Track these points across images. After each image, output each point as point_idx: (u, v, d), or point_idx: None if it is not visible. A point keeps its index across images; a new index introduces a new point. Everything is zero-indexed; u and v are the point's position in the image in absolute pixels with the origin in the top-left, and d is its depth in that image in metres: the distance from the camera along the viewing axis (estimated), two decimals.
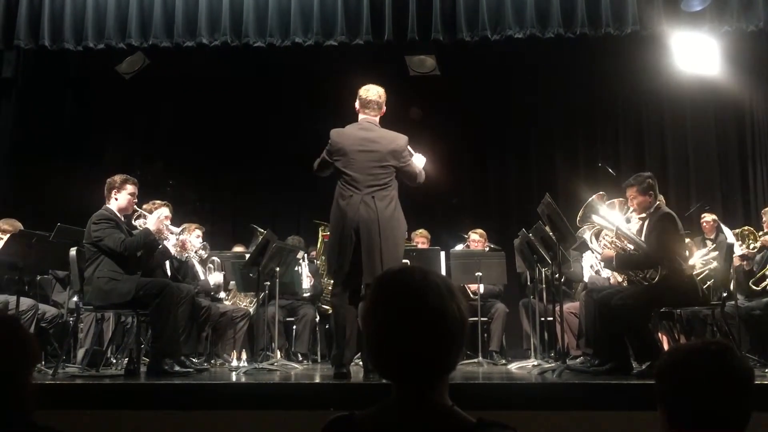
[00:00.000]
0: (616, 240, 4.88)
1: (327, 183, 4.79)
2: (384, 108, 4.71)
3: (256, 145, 8.85)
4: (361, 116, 4.68)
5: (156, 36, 6.86)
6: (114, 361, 5.74)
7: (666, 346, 5.47)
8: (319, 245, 7.32)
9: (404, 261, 5.67)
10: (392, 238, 4.44)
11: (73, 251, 5.11)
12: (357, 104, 4.70)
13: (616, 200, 5.14)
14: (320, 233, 7.21)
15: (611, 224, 4.93)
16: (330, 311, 6.87)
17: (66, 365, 5.29)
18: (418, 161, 4.73)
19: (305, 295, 7.02)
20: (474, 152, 8.90)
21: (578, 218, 5.07)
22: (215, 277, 6.39)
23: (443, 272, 6.36)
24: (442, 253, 6.53)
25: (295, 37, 6.82)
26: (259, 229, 7.20)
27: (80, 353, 5.73)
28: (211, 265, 6.27)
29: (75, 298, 5.51)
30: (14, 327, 1.67)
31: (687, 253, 5.08)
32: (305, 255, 7.16)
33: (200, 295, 6.39)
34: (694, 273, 4.98)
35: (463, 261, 6.54)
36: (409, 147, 4.64)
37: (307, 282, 7.05)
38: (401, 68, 7.97)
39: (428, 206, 8.18)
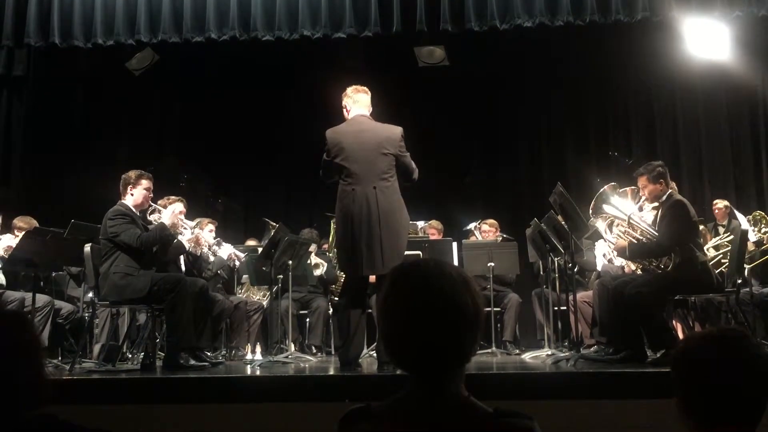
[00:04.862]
0: (629, 229, 4.86)
1: (327, 186, 4.80)
2: (370, 101, 4.71)
3: (267, 139, 8.86)
4: (352, 113, 4.70)
5: (165, 32, 6.88)
6: (130, 356, 5.78)
7: (680, 335, 5.46)
8: (331, 238, 7.33)
9: (417, 253, 5.69)
10: (393, 230, 4.44)
11: (87, 247, 5.16)
12: (347, 103, 4.71)
13: (628, 189, 5.11)
14: (332, 225, 7.22)
15: (623, 214, 4.91)
16: None
17: (82, 361, 5.34)
18: None
19: (316, 274, 6.97)
20: (484, 142, 8.87)
21: (590, 209, 5.06)
22: (225, 251, 6.36)
23: (456, 262, 6.36)
24: (455, 244, 6.52)
25: (304, 30, 6.83)
26: (271, 223, 7.21)
27: (96, 348, 5.79)
28: (216, 247, 6.26)
29: (90, 294, 5.56)
30: (18, 321, 1.69)
31: (702, 240, 5.05)
32: (316, 247, 7.17)
33: (218, 287, 6.44)
34: (707, 260, 4.95)
35: (475, 251, 6.53)
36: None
37: (315, 261, 7.01)
38: (410, 60, 7.95)
39: (439, 196, 8.17)
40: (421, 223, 7.10)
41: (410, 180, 4.67)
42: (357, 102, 4.68)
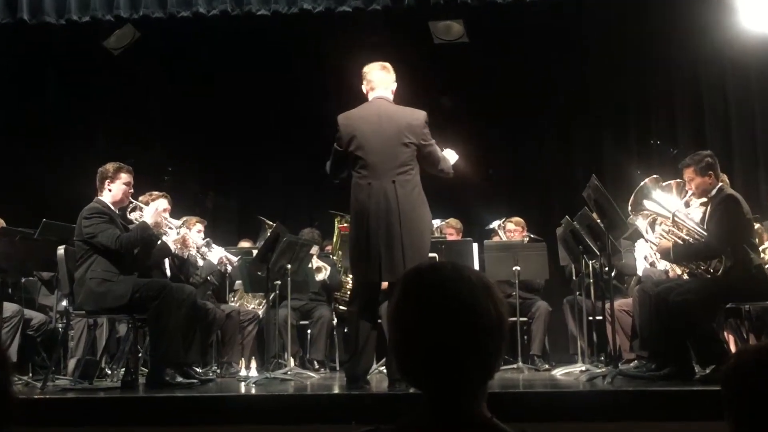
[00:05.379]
0: (674, 228, 4.85)
1: (335, 185, 4.80)
2: (393, 81, 4.70)
3: (263, 127, 8.88)
4: (371, 95, 4.69)
5: (147, 6, 6.89)
6: (109, 372, 5.80)
7: (733, 347, 5.43)
8: (335, 239, 7.35)
9: (433, 255, 5.68)
10: (415, 229, 4.44)
11: (61, 250, 5.17)
12: (364, 86, 4.71)
13: (672, 182, 5.09)
14: (336, 225, 7.23)
15: (667, 211, 4.89)
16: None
17: (56, 377, 5.36)
18: (450, 157, 4.72)
19: (318, 279, 6.98)
20: (508, 129, 8.85)
21: (630, 205, 5.04)
22: (216, 254, 6.38)
23: (476, 266, 6.35)
24: (475, 245, 6.51)
25: (303, 4, 6.82)
26: (268, 222, 7.23)
27: (71, 364, 5.81)
28: (205, 249, 6.27)
29: (64, 302, 5.58)
30: None
31: (757, 240, 5.02)
32: (318, 249, 7.18)
33: (208, 294, 6.46)
34: (763, 262, 4.92)
35: (498, 254, 6.52)
36: (438, 147, 4.63)
37: (317, 265, 7.01)
38: (425, 36, 7.94)
39: (457, 191, 8.16)
40: (437, 222, 7.09)
41: (436, 171, 4.67)
42: (372, 82, 4.66)
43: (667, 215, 4.90)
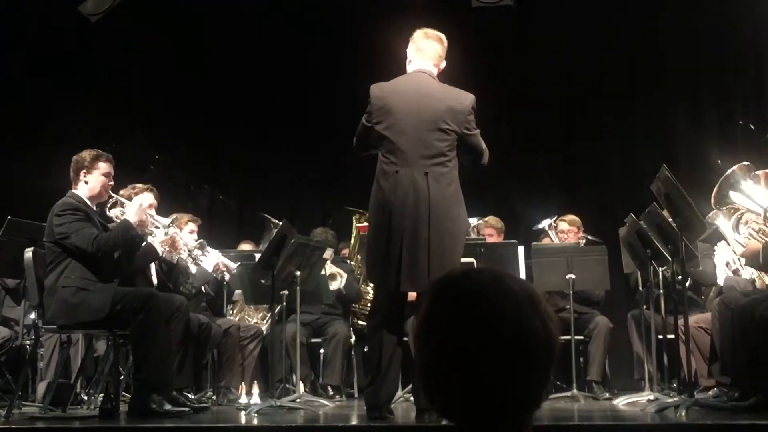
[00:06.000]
0: (765, 227, 4.82)
1: (362, 158, 4.80)
2: (444, 58, 4.71)
3: (267, 109, 8.89)
4: (412, 66, 4.70)
5: None
6: (85, 397, 5.86)
7: None
8: (352, 240, 7.37)
9: (469, 260, 5.68)
10: (447, 233, 4.44)
11: (29, 252, 5.22)
12: (409, 51, 4.72)
13: (761, 173, 5.06)
14: (354, 224, 7.25)
15: (758, 206, 4.86)
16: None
17: (23, 404, 5.42)
18: None
19: (332, 288, 6.99)
20: (559, 108, 8.81)
21: (713, 197, 5.02)
22: (211, 258, 6.41)
23: (522, 274, 6.35)
24: (521, 249, 6.50)
25: None
26: (273, 220, 7.26)
27: (41, 387, 5.87)
28: (198, 252, 6.29)
29: (32, 315, 5.64)
30: None
31: None
32: (333, 253, 7.19)
33: (201, 306, 6.50)
34: None
35: (549, 259, 6.50)
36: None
37: (332, 272, 7.02)
38: None
39: (499, 182, 8.15)
40: (474, 220, 7.09)
41: (478, 165, 4.68)
42: (421, 51, 4.67)
43: (758, 211, 4.87)
